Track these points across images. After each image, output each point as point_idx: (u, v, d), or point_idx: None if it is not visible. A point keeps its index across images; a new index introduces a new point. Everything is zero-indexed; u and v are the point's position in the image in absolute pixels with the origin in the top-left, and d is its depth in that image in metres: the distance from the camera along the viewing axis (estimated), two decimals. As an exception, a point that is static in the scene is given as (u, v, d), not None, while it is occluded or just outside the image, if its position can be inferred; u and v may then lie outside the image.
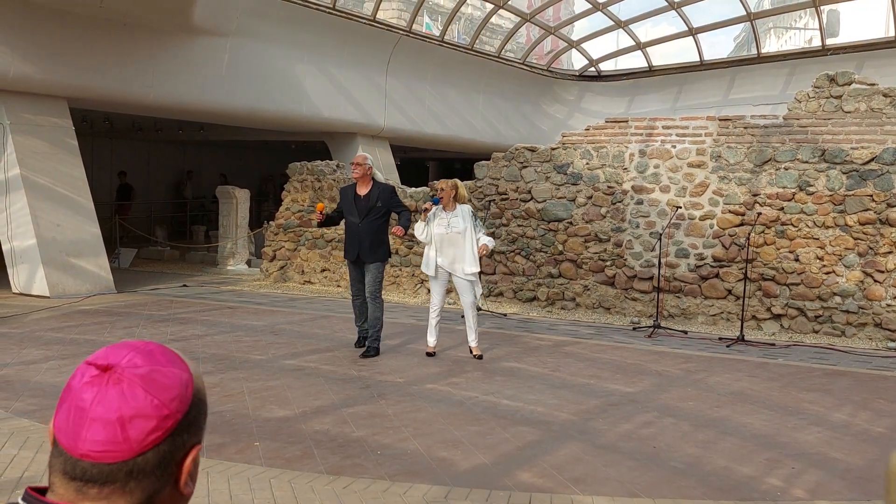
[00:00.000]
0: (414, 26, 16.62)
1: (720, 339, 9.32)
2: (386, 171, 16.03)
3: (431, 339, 7.89)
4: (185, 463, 1.03)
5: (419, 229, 7.81)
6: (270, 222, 14.22)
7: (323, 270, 12.90)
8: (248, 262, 15.46)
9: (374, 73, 16.08)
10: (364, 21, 15.41)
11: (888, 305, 9.31)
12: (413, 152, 21.37)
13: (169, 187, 22.72)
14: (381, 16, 15.86)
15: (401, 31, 16.16)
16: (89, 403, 0.99)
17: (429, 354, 7.82)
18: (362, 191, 7.75)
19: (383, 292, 8.13)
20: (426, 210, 7.73)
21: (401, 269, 12.37)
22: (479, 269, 7.75)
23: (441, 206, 7.71)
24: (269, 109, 14.24)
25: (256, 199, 20.39)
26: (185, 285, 12.78)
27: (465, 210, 7.76)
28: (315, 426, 5.44)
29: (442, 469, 4.68)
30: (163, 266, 15.65)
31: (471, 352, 7.83)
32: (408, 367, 7.31)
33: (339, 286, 12.48)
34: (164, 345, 1.08)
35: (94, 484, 0.98)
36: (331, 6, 14.61)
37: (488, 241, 7.75)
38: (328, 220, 8.09)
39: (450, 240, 7.65)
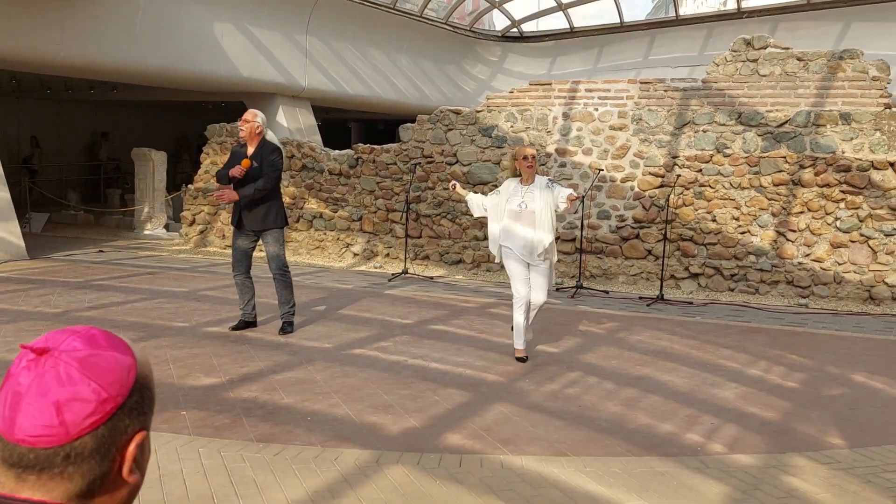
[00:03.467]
0: (335, -16, 16.27)
1: (640, 298, 9.55)
2: (308, 132, 15.79)
3: (519, 342, 6.44)
4: (127, 449, 1.01)
5: (471, 202, 6.78)
6: (189, 185, 13.88)
7: (245, 234, 12.68)
8: (167, 227, 15.11)
9: (295, 31, 15.72)
10: (283, -22, 15.01)
11: (799, 264, 9.67)
12: (335, 113, 21.07)
13: (82, 149, 21.93)
14: (300, -27, 15.48)
15: (321, -11, 15.81)
16: (25, 388, 0.97)
17: (520, 359, 6.40)
18: (250, 150, 7.05)
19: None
20: (454, 186, 6.82)
21: (325, 234, 12.26)
22: (553, 240, 6.37)
23: (521, 179, 6.43)
24: (185, 69, 13.79)
25: (172, 160, 19.87)
26: (101, 251, 12.43)
27: (542, 182, 6.42)
28: (243, 394, 5.39)
29: (373, 434, 4.70)
30: (77, 231, 15.17)
31: (524, 356, 6.46)
32: (335, 333, 7.28)
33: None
34: (110, 331, 1.05)
35: (33, 470, 0.97)
36: (248, -38, 14.19)
37: (570, 192, 6.35)
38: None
39: (525, 219, 6.31)
